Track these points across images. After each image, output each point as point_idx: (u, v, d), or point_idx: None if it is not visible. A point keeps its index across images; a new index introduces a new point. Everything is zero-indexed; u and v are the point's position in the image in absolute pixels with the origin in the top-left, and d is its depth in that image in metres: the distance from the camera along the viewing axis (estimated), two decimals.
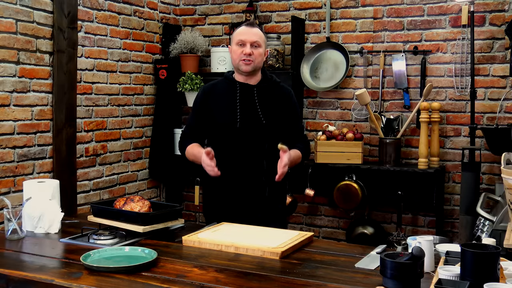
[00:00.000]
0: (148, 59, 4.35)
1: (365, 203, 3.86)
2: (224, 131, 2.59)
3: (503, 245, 2.36)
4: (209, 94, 2.66)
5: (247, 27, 2.60)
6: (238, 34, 2.59)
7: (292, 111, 2.69)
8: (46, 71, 3.44)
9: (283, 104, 2.65)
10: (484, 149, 3.70)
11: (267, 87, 2.65)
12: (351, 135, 3.86)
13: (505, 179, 2.43)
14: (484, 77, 3.75)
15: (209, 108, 2.63)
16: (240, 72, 2.60)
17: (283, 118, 2.64)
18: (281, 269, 1.89)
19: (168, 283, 1.71)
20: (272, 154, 2.55)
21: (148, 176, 4.41)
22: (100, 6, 3.84)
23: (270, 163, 2.55)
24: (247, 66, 2.55)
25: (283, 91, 2.69)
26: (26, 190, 2.40)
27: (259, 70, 2.63)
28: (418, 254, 1.60)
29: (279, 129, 2.62)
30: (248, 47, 2.54)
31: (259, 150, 2.58)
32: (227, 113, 2.58)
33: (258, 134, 2.57)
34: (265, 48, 2.62)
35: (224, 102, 2.61)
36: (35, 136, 3.39)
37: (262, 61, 2.61)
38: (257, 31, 2.59)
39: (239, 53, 2.55)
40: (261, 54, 2.58)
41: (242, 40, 2.56)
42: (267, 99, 2.62)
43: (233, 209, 2.60)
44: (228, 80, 2.66)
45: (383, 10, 4.01)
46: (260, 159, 2.58)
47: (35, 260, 1.99)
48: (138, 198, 2.34)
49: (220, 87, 2.67)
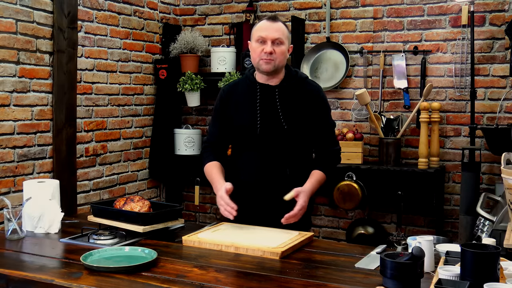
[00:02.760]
0: (148, 59, 4.35)
1: (365, 203, 3.86)
2: (243, 137, 2.43)
3: (503, 245, 2.36)
4: (228, 97, 2.48)
5: (269, 21, 2.37)
6: (258, 30, 2.37)
7: (319, 111, 2.45)
8: (46, 71, 3.44)
9: (309, 104, 2.42)
10: (484, 149, 3.70)
11: (291, 86, 2.43)
12: (351, 135, 3.86)
13: (505, 179, 2.43)
14: (484, 77, 3.75)
15: (228, 113, 2.46)
16: (261, 71, 2.40)
17: (308, 120, 2.42)
18: (281, 269, 1.89)
19: (168, 283, 1.71)
20: (296, 160, 2.42)
21: (148, 176, 4.41)
22: (100, 6, 3.84)
23: (293, 170, 2.41)
24: (267, 65, 2.34)
25: (309, 88, 2.46)
26: (26, 190, 2.40)
27: (281, 69, 2.42)
28: (418, 254, 1.60)
29: (303, 134, 2.43)
30: (269, 44, 2.32)
31: (281, 156, 2.40)
32: (247, 118, 2.41)
33: (279, 140, 2.39)
34: (289, 44, 2.40)
35: (243, 105, 2.43)
36: (35, 136, 3.39)
37: (285, 60, 2.39)
38: (280, 26, 2.36)
39: (259, 52, 2.34)
40: (284, 52, 2.36)
41: (262, 36, 2.34)
42: (291, 101, 2.41)
43: (255, 217, 2.43)
44: (248, 81, 2.47)
45: (383, 10, 4.01)
46: (283, 166, 2.41)
47: (35, 260, 1.99)
48: (138, 198, 2.34)
49: (240, 89, 2.49)
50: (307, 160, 2.50)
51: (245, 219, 2.41)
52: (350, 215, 4.15)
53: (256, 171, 2.43)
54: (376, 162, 3.96)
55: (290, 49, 2.43)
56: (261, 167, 2.43)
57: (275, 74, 2.41)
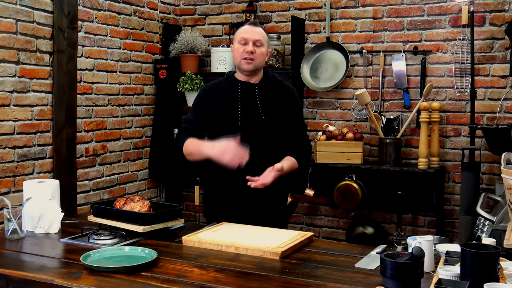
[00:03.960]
0: (148, 59, 4.35)
1: (365, 203, 3.86)
2: (225, 129, 2.56)
3: (503, 245, 2.36)
4: (210, 93, 2.64)
5: (250, 26, 2.59)
6: (240, 33, 2.58)
7: (294, 109, 2.67)
8: (46, 71, 3.44)
9: (285, 102, 2.64)
10: (484, 149, 3.70)
11: (269, 85, 2.64)
12: (351, 135, 3.86)
13: (505, 179, 2.43)
14: (484, 77, 3.75)
15: (210, 106, 2.61)
16: (242, 71, 2.58)
17: (285, 116, 2.62)
18: (281, 269, 1.89)
19: (168, 283, 1.71)
20: (274, 152, 2.57)
21: (148, 176, 4.41)
22: (100, 6, 3.84)
23: (272, 161, 2.54)
24: (248, 65, 2.53)
25: (285, 89, 2.68)
26: (26, 190, 2.40)
27: (260, 70, 2.62)
28: (418, 254, 1.60)
29: (280, 127, 2.61)
30: (251, 45, 2.52)
31: (260, 148, 2.55)
32: (228, 111, 2.57)
33: (259, 132, 2.56)
34: (267, 48, 2.61)
35: (225, 100, 2.60)
36: (35, 136, 3.39)
37: (264, 61, 2.60)
38: (260, 30, 2.58)
39: (241, 52, 2.53)
40: (263, 53, 2.56)
41: (244, 38, 2.54)
42: (269, 98, 2.60)
43: (234, 208, 2.59)
44: (229, 79, 2.65)
45: (383, 10, 4.01)
46: (262, 157, 2.55)
47: (35, 260, 1.99)
48: (138, 198, 2.34)
49: (222, 86, 2.66)
50: (284, 152, 2.65)
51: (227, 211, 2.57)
52: (350, 215, 4.15)
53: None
54: (376, 162, 3.96)
55: (268, 53, 2.64)
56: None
57: (254, 74, 2.60)
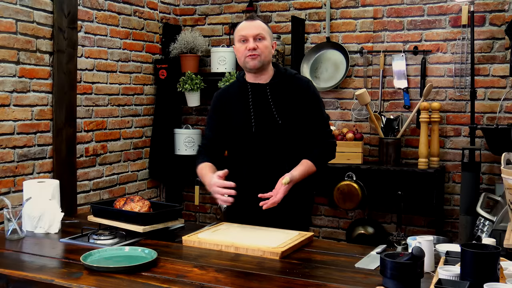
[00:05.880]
0: (148, 59, 4.35)
1: (365, 203, 3.86)
2: (240, 137, 2.45)
3: (503, 245, 2.35)
4: (221, 101, 2.51)
5: (247, 21, 2.41)
6: (239, 30, 2.41)
7: (310, 103, 2.45)
8: (46, 71, 3.44)
9: (300, 98, 2.43)
10: (484, 149, 3.70)
11: (281, 82, 2.45)
12: (351, 135, 3.86)
13: (505, 179, 2.43)
14: (484, 77, 3.75)
15: (224, 115, 2.48)
16: (249, 70, 2.42)
17: (301, 114, 2.43)
18: (281, 269, 1.89)
19: (168, 283, 1.71)
20: (293, 155, 2.42)
21: (148, 176, 4.41)
22: (100, 6, 3.84)
23: (292, 164, 2.40)
24: (253, 61, 2.36)
25: (298, 83, 2.46)
26: (26, 190, 2.40)
27: (268, 65, 2.43)
28: (418, 254, 1.60)
29: (297, 127, 2.43)
30: (251, 41, 2.35)
31: (279, 152, 2.42)
32: (241, 118, 2.43)
33: (275, 136, 2.41)
34: (271, 40, 2.42)
35: (237, 106, 2.46)
36: (35, 136, 3.39)
37: (271, 54, 2.41)
38: (259, 23, 2.39)
39: (243, 50, 2.37)
40: (267, 46, 2.38)
41: (243, 35, 2.37)
42: (282, 97, 2.42)
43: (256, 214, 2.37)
44: (239, 82, 2.50)
45: (383, 10, 4.01)
46: (281, 161, 2.41)
47: (35, 260, 1.99)
48: (138, 198, 2.34)
49: (232, 91, 2.52)
50: (304, 154, 2.47)
51: (247, 218, 2.43)
52: (350, 215, 4.15)
53: (255, 169, 2.45)
54: (376, 162, 3.96)
55: (274, 45, 2.45)
56: (260, 165, 2.44)
57: (263, 71, 2.43)
